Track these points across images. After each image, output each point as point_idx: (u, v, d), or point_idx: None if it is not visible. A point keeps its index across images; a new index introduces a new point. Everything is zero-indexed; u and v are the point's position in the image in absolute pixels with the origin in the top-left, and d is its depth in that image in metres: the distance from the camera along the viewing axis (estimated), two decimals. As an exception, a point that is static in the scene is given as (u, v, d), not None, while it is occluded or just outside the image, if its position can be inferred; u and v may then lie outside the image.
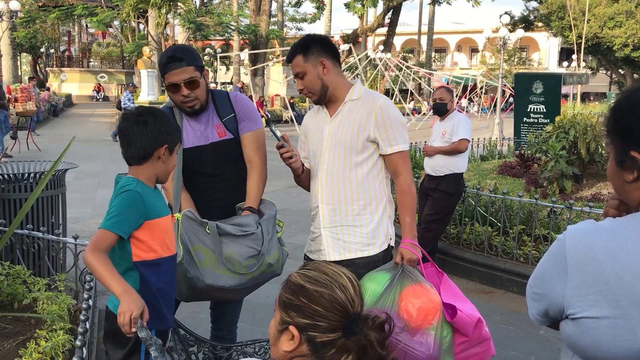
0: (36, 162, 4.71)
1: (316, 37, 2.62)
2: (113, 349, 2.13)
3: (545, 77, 12.76)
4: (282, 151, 2.52)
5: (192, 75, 2.54)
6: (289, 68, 13.83)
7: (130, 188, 2.08)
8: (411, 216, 2.58)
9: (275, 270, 2.64)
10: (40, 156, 11.79)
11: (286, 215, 7.88)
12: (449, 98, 5.40)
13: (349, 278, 1.30)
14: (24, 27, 32.68)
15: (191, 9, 24.14)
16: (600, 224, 1.27)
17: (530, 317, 1.42)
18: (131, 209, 2.05)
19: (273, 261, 2.58)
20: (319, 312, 1.23)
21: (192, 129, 2.69)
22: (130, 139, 2.11)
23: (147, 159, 2.13)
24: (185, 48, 2.67)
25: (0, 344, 2.93)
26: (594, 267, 1.22)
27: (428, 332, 2.25)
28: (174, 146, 2.18)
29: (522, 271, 5.05)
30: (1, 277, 3.51)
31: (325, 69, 2.54)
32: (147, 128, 2.10)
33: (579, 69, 31.68)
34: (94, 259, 1.93)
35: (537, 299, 1.36)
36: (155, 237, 2.12)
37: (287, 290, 1.30)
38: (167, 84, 2.57)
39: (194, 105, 2.60)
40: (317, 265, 1.33)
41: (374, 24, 33.94)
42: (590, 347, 1.23)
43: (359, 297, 1.27)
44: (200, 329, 2.85)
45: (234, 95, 2.76)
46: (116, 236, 2.02)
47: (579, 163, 6.91)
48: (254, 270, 2.51)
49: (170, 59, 2.53)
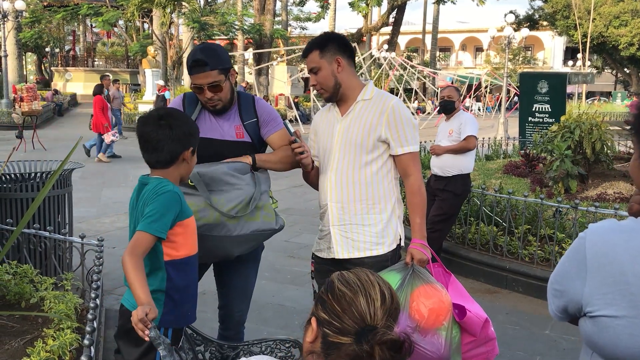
0: (42, 162, 4.73)
1: (334, 35, 2.64)
2: (127, 347, 2.13)
3: (551, 76, 12.73)
4: (295, 146, 2.55)
5: (215, 79, 2.55)
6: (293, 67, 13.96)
7: (169, 189, 2.07)
8: (421, 217, 2.59)
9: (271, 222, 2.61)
10: (45, 155, 11.83)
11: (290, 214, 7.89)
12: (456, 97, 5.40)
13: (382, 293, 1.26)
14: (29, 27, 32.77)
15: (195, 8, 24.14)
16: (622, 223, 1.28)
17: (550, 313, 1.43)
18: (171, 210, 2.05)
19: (267, 209, 2.58)
20: (336, 311, 1.24)
21: (210, 120, 2.69)
22: (157, 144, 2.10)
23: (174, 162, 2.13)
24: (211, 49, 2.64)
25: (8, 342, 2.94)
26: (613, 266, 1.22)
27: (439, 333, 2.25)
28: (196, 146, 2.20)
29: (527, 271, 5.05)
30: (8, 276, 3.53)
31: (340, 67, 2.55)
32: (173, 132, 2.09)
33: (584, 68, 31.58)
34: (132, 265, 1.92)
35: (557, 295, 1.37)
36: (187, 237, 2.13)
37: (325, 285, 1.33)
38: (192, 85, 2.60)
39: (216, 105, 2.62)
40: (360, 270, 1.33)
41: (378, 23, 33.92)
42: (608, 346, 1.24)
43: (387, 314, 1.23)
44: (206, 329, 2.85)
45: (257, 100, 2.78)
46: (156, 238, 2.02)
47: (584, 163, 6.90)
48: (246, 213, 2.50)
49: (195, 63, 2.54)
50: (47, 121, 22.44)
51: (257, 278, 3.08)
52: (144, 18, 26.88)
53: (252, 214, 2.55)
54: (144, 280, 1.92)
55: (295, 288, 5.03)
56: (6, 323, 3.15)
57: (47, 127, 20.65)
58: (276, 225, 2.65)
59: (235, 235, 2.52)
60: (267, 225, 2.61)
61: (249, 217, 2.54)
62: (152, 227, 2.00)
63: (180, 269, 2.12)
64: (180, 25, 27.69)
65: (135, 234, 2.01)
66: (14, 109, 14.50)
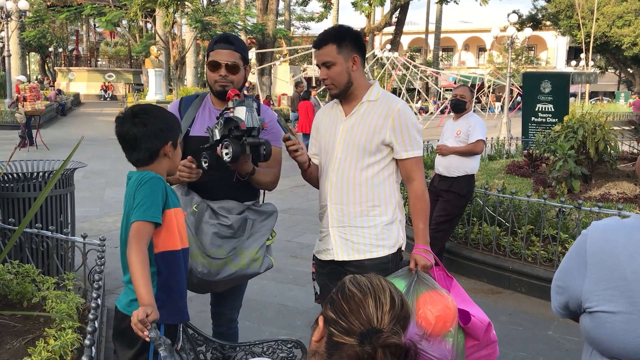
0: (45, 161, 4.74)
1: (352, 31, 2.57)
2: (122, 348, 2.13)
3: (554, 76, 12.69)
4: (288, 143, 2.50)
5: (236, 60, 2.59)
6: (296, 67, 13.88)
7: (151, 175, 2.06)
8: (424, 222, 2.57)
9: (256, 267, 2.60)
10: (48, 155, 11.85)
11: (293, 214, 7.89)
12: (469, 97, 5.32)
13: (392, 298, 1.25)
14: (32, 27, 32.86)
15: (198, 8, 24.17)
16: (623, 221, 1.29)
17: (552, 310, 1.44)
18: (158, 195, 2.03)
19: (250, 258, 2.56)
20: (344, 310, 1.24)
21: (209, 118, 2.68)
22: (133, 143, 2.07)
23: (154, 158, 2.10)
24: (239, 38, 2.73)
25: (10, 342, 2.94)
26: (612, 262, 1.23)
27: (446, 339, 2.24)
28: (176, 140, 2.15)
29: (530, 271, 5.03)
30: (10, 275, 3.53)
31: (355, 65, 2.52)
32: (147, 128, 2.06)
33: (587, 68, 31.52)
34: (139, 260, 1.90)
35: (559, 291, 1.39)
36: (172, 227, 2.11)
37: (336, 287, 1.33)
38: (210, 60, 2.60)
39: (225, 85, 2.60)
40: (374, 275, 1.33)
41: (381, 22, 33.86)
42: (605, 341, 1.25)
43: (394, 320, 1.22)
44: (207, 329, 2.85)
45: (264, 109, 2.75)
46: (153, 225, 2.00)
47: (587, 163, 6.88)
48: (225, 257, 2.50)
49: (222, 39, 2.60)
50: (50, 121, 22.48)
51: (259, 278, 3.07)
52: (147, 18, 26.94)
53: (235, 259, 2.53)
54: (148, 279, 1.90)
55: (297, 288, 5.03)
56: (8, 322, 3.15)
57: (50, 127, 20.69)
58: (260, 269, 2.63)
59: (216, 280, 2.53)
60: (251, 271, 2.60)
61: (232, 263, 2.53)
62: (147, 214, 1.98)
63: (171, 263, 2.11)
64: (183, 25, 27.76)
65: (133, 226, 1.97)
66: (17, 108, 14.51)
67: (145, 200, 2.00)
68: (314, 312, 3.98)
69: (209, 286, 2.62)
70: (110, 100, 37.43)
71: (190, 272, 2.42)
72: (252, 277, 2.66)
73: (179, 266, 2.16)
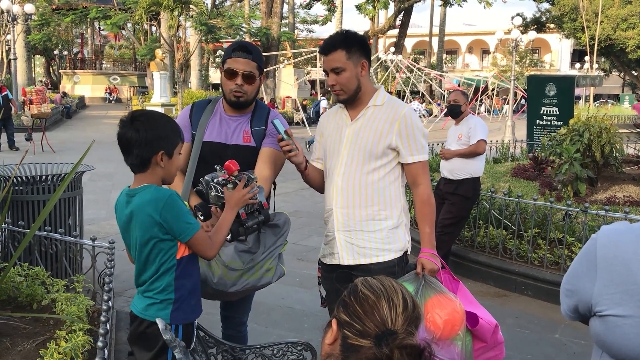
0: (54, 164, 4.76)
1: (359, 37, 2.57)
2: (140, 351, 2.15)
3: (559, 79, 12.70)
4: (282, 144, 2.48)
5: (252, 70, 2.61)
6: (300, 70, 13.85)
7: (164, 192, 2.05)
8: (430, 226, 2.57)
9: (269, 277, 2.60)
10: (54, 158, 11.90)
11: (299, 217, 7.90)
12: (463, 101, 5.41)
13: (404, 299, 1.27)
14: (38, 30, 33.00)
15: (203, 11, 24.21)
16: (633, 225, 1.31)
17: (562, 313, 1.46)
18: (182, 206, 2.07)
19: (264, 269, 2.56)
20: (358, 313, 1.25)
21: (220, 124, 2.71)
22: (127, 147, 2.05)
23: (147, 165, 2.07)
24: (256, 47, 2.74)
25: (21, 344, 2.96)
26: (622, 266, 1.24)
27: (455, 343, 2.25)
28: (171, 150, 2.09)
29: (536, 274, 5.03)
30: (20, 278, 3.55)
31: (363, 70, 2.54)
32: (139, 134, 2.02)
33: (591, 70, 31.45)
34: (216, 244, 2.14)
35: (569, 295, 1.40)
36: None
37: (347, 290, 1.33)
38: (227, 68, 2.61)
39: (240, 96, 2.62)
40: (384, 278, 1.34)
41: (385, 25, 33.89)
42: (616, 345, 1.26)
43: (408, 320, 1.24)
44: (216, 330, 2.87)
45: (273, 115, 2.77)
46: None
47: (593, 166, 6.87)
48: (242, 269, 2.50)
49: (240, 47, 2.61)
50: (56, 123, 22.57)
51: (267, 280, 3.08)
52: (152, 21, 26.97)
53: (250, 270, 2.53)
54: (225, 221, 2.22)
55: (304, 291, 5.04)
56: (18, 324, 3.17)
57: (56, 130, 20.76)
58: (273, 279, 2.63)
59: (231, 292, 2.53)
60: (264, 281, 2.61)
61: (246, 274, 2.53)
62: (194, 224, 2.06)
63: (188, 265, 2.14)
64: (188, 28, 27.79)
65: (193, 238, 2.06)
66: (23, 111, 14.58)
67: (181, 215, 2.04)
68: (321, 315, 3.99)
69: (223, 296, 2.61)
70: (115, 103, 37.56)
71: (205, 282, 2.42)
72: (264, 287, 2.66)
73: (196, 267, 2.21)
